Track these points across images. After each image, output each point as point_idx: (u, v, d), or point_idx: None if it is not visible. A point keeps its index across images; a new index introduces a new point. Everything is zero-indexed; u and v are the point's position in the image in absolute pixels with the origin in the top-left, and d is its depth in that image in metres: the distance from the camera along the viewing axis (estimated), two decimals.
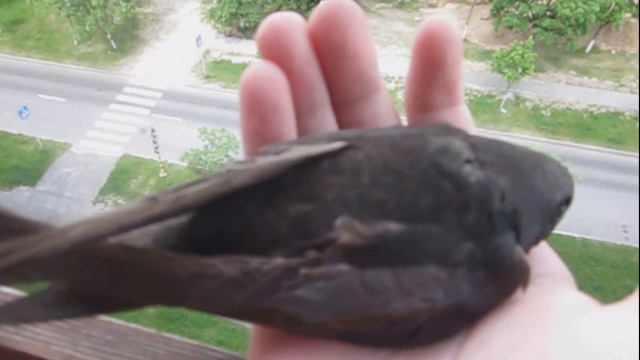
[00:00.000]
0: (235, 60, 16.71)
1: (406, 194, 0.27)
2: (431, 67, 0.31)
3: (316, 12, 0.31)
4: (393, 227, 0.26)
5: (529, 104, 15.70)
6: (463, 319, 0.27)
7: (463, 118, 0.33)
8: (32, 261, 0.24)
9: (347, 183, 0.28)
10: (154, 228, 0.29)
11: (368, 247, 0.26)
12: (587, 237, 12.04)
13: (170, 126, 14.58)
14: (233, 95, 15.65)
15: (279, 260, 0.26)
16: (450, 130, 0.30)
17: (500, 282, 0.27)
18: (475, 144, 0.29)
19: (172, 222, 0.29)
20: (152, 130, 13.20)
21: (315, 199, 0.27)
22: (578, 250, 11.85)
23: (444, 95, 0.33)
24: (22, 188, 13.41)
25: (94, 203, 12.99)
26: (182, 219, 0.29)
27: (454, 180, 0.27)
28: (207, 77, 16.11)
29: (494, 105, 15.36)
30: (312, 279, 0.26)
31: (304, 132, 0.33)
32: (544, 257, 0.31)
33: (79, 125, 14.60)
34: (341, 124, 0.34)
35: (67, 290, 0.27)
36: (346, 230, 0.26)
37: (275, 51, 0.31)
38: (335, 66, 0.32)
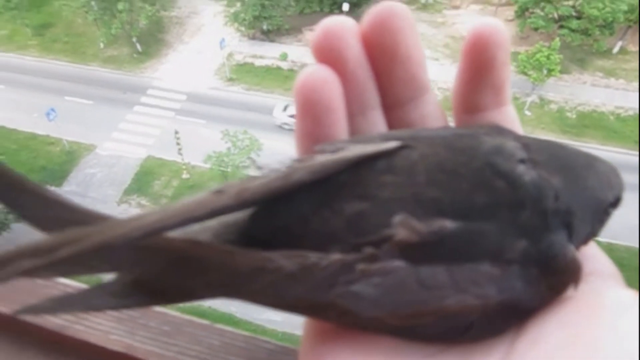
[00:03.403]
0: (258, 62, 16.83)
1: (461, 193, 0.27)
2: (480, 69, 0.32)
3: (368, 16, 0.32)
4: (448, 224, 0.27)
5: (553, 106, 15.49)
6: (515, 316, 0.28)
7: (510, 119, 0.34)
8: (100, 251, 0.25)
9: (403, 182, 0.28)
10: (213, 224, 0.30)
11: (424, 244, 0.26)
12: (614, 241, 11.81)
13: (194, 128, 14.74)
14: (256, 97, 15.78)
15: (336, 256, 0.26)
16: (502, 131, 0.31)
17: (552, 279, 0.27)
18: (527, 144, 0.30)
19: (230, 219, 0.31)
20: (176, 132, 13.36)
21: (371, 197, 0.28)
22: None
23: (492, 96, 0.33)
24: (49, 188, 13.67)
25: (118, 204, 13.20)
26: (240, 216, 0.31)
27: (508, 179, 0.28)
28: (230, 79, 16.25)
29: (518, 107, 15.11)
30: (368, 275, 0.26)
31: (355, 133, 0.34)
32: (593, 256, 0.32)
33: (104, 127, 14.85)
34: (390, 125, 0.35)
35: (133, 281, 0.28)
36: (403, 227, 0.27)
37: (329, 55, 0.32)
38: (386, 69, 0.33)
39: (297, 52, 16.91)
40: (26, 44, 17.73)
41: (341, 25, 0.32)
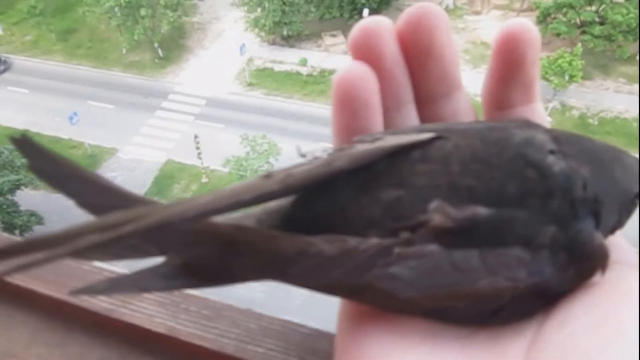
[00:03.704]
0: (277, 68, 16.95)
1: (493, 182, 0.29)
2: (511, 66, 0.34)
3: (405, 15, 0.34)
4: (481, 211, 0.28)
5: (575, 112, 15.32)
6: (544, 299, 0.29)
7: (539, 115, 0.36)
8: (151, 233, 0.26)
9: (438, 170, 0.30)
10: (255, 211, 0.33)
11: (458, 229, 0.28)
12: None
13: (213, 133, 14.89)
14: (275, 102, 15.88)
15: (374, 240, 0.28)
16: (531, 125, 0.32)
17: (580, 265, 0.28)
18: (557, 136, 0.31)
19: (273, 206, 0.33)
20: (195, 137, 13.50)
21: (407, 185, 0.30)
22: None
23: (521, 93, 0.35)
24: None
25: None
26: (281, 203, 0.33)
27: (539, 169, 0.29)
28: (250, 84, 16.39)
29: None
30: (405, 258, 0.27)
31: (389, 126, 0.36)
32: (619, 245, 0.33)
33: (125, 131, 15.08)
34: (423, 120, 0.37)
35: (181, 264, 0.30)
36: (438, 213, 0.28)
37: (367, 52, 0.34)
38: (421, 66, 0.35)
39: (317, 57, 17.00)
40: (50, 50, 18.12)
41: (378, 25, 0.34)
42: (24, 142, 0.27)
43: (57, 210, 13.43)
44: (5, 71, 17.50)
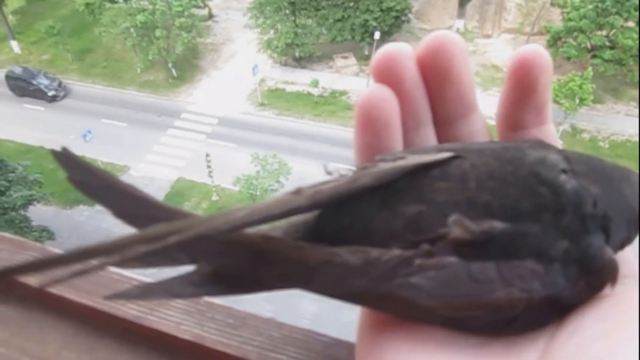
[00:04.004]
0: (289, 88, 17.09)
1: (508, 198, 0.31)
2: (524, 90, 0.36)
3: (425, 42, 0.36)
4: (497, 225, 0.30)
5: (585, 135, 15.28)
6: (556, 310, 0.31)
7: (551, 136, 0.37)
8: (186, 245, 0.28)
9: (456, 187, 0.32)
10: (282, 224, 0.35)
11: (475, 242, 0.30)
12: None
13: (225, 151, 14.98)
14: (286, 122, 15.97)
15: (396, 252, 0.29)
16: (544, 145, 0.35)
17: (591, 278, 0.30)
18: (568, 156, 0.33)
19: (298, 219, 0.35)
20: (207, 155, 13.59)
21: (428, 201, 0.32)
22: None
23: (534, 115, 0.37)
24: (82, 207, 14.03)
25: None
26: (306, 217, 0.35)
27: (551, 187, 0.31)
28: (262, 104, 16.52)
29: None
30: (425, 269, 0.29)
31: (408, 146, 0.38)
32: (628, 260, 0.34)
33: (138, 149, 15.21)
34: (440, 140, 0.39)
35: (211, 272, 0.32)
36: (457, 226, 0.30)
37: (389, 75, 0.36)
38: (439, 89, 0.37)
39: (328, 78, 17.13)
40: (67, 69, 18.42)
41: (400, 50, 0.36)
42: (64, 156, 0.29)
43: (68, 227, 13.54)
44: (65, 97, 17.21)
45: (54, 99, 16.99)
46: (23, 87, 16.99)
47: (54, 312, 0.48)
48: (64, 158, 0.29)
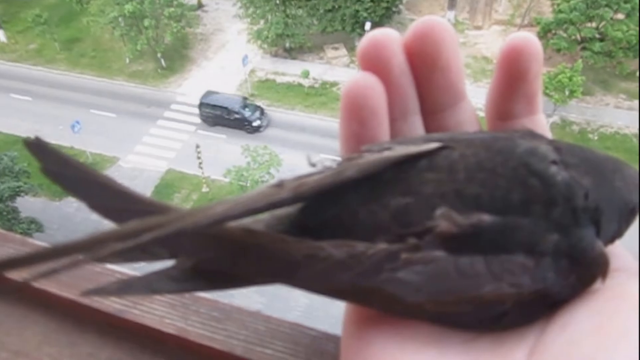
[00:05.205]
0: (279, 79, 17.02)
1: (498, 190, 0.30)
2: (514, 79, 0.35)
3: (412, 28, 0.35)
4: (486, 218, 0.29)
5: (575, 127, 15.37)
6: (546, 305, 0.30)
7: (541, 126, 0.37)
8: (165, 240, 0.27)
9: (444, 179, 0.31)
10: (264, 217, 0.34)
11: (463, 235, 0.29)
12: None
13: (215, 143, 14.91)
14: (276, 113, 15.90)
15: (382, 246, 0.29)
16: (535, 135, 0.34)
17: (581, 272, 0.30)
18: (559, 147, 0.32)
19: (282, 212, 0.34)
20: (197, 147, 13.52)
21: (415, 193, 0.31)
22: None
23: (524, 104, 0.36)
24: (71, 199, 13.84)
25: None
26: (290, 209, 0.34)
27: (542, 178, 0.30)
28: (252, 95, 16.43)
29: None
30: (411, 263, 0.28)
31: (395, 136, 0.37)
32: (619, 254, 0.34)
33: (127, 140, 15.10)
34: (428, 130, 0.38)
35: (191, 267, 0.31)
36: (444, 219, 0.29)
37: (375, 63, 0.35)
38: (427, 77, 0.36)
39: (319, 69, 17.07)
40: (54, 58, 18.19)
41: (386, 36, 0.35)
42: (37, 145, 0.28)
43: (57, 218, 13.43)
44: (268, 127, 15.45)
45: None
46: None
47: (34, 305, 0.47)
48: (37, 148, 0.27)
